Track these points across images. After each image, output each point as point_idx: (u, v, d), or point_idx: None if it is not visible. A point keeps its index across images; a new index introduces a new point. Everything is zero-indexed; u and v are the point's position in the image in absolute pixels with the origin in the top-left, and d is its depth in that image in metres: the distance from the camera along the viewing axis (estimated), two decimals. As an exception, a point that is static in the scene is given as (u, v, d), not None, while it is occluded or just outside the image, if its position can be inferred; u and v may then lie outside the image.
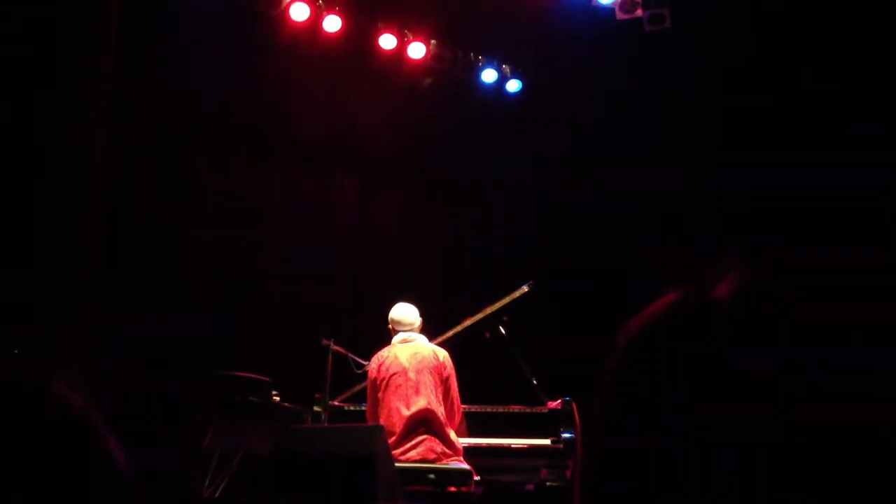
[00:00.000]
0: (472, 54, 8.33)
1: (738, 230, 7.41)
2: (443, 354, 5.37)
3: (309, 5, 7.59)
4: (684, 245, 7.54)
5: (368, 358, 5.61)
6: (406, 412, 5.08)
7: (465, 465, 5.12)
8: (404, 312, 5.53)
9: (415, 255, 8.42)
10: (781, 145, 7.23)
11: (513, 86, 8.51)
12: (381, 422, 5.14)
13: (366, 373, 5.55)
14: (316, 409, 5.64)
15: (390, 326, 5.54)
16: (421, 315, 5.61)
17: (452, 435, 5.19)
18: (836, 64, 6.90)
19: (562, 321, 7.91)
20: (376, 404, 5.28)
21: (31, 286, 5.52)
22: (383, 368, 5.27)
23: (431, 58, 8.14)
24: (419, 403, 5.09)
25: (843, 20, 6.81)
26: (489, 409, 5.88)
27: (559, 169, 8.44)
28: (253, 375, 5.49)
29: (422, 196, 8.65)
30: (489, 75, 8.38)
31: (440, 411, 5.14)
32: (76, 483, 0.76)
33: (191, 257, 7.21)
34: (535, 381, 5.95)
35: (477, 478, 5.19)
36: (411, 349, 5.33)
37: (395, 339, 5.46)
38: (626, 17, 7.45)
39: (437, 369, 5.25)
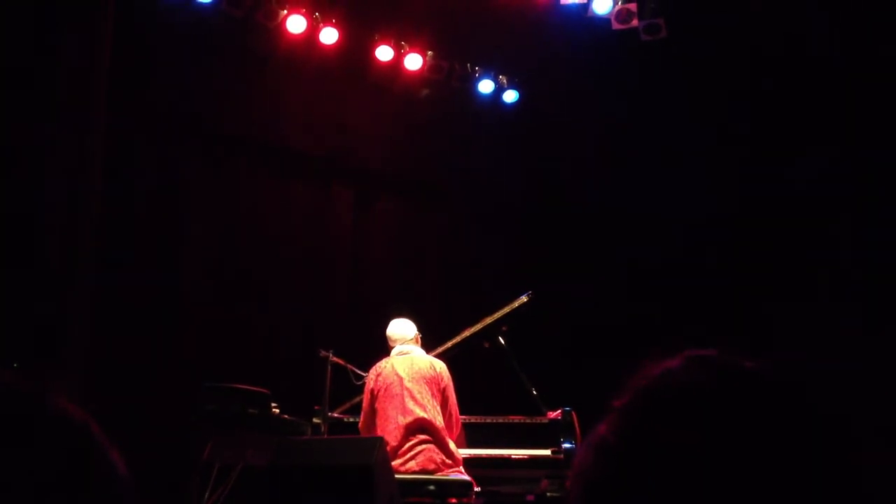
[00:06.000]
0: (468, 65, 8.35)
1: (734, 244, 7.43)
2: (440, 366, 5.37)
3: (305, 18, 7.61)
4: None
5: (366, 369, 5.61)
6: (402, 421, 5.07)
7: (466, 476, 5.11)
8: (397, 328, 5.55)
9: (412, 266, 8.42)
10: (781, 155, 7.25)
11: (509, 96, 8.53)
12: (378, 431, 5.13)
13: (364, 384, 5.55)
14: (315, 420, 5.63)
15: (389, 343, 5.55)
16: (419, 327, 5.62)
17: (452, 445, 5.18)
18: (838, 71, 6.91)
19: (561, 331, 7.91)
20: (372, 414, 5.28)
21: (30, 298, 5.52)
22: (380, 379, 5.27)
23: (428, 69, 8.15)
24: (416, 413, 5.08)
25: (841, 23, 6.83)
26: (489, 420, 5.87)
27: (557, 179, 8.45)
28: (252, 387, 5.48)
29: (419, 207, 8.65)
30: (486, 86, 8.40)
31: (438, 421, 5.14)
32: (78, 495, 0.76)
33: (187, 269, 7.21)
34: (534, 392, 5.94)
35: (477, 489, 5.18)
36: (408, 360, 5.33)
37: (393, 351, 5.47)
38: (621, 27, 7.47)
39: (434, 380, 5.25)
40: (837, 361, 5.98)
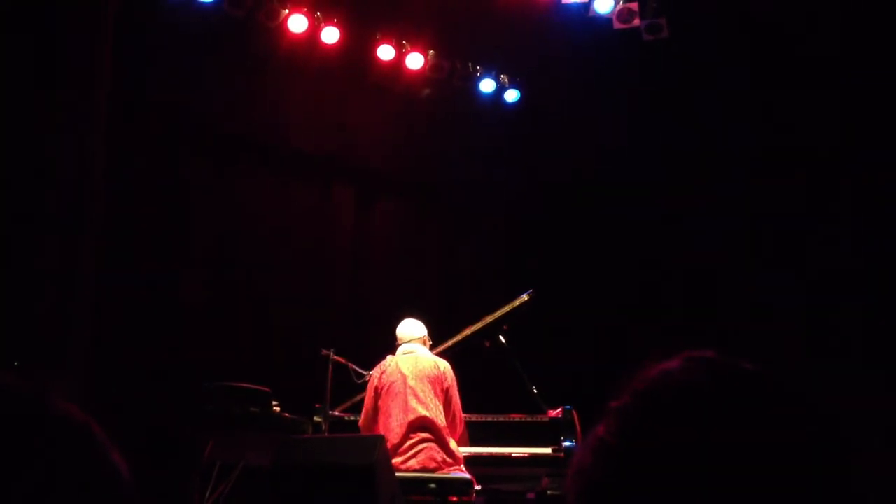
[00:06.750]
0: (470, 64, 8.35)
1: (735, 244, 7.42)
2: (444, 365, 5.38)
3: (307, 17, 7.61)
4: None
5: (367, 368, 5.62)
6: (405, 419, 5.08)
7: (467, 475, 5.11)
8: (405, 327, 5.58)
9: (413, 265, 8.42)
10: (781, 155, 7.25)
11: (511, 96, 8.53)
12: (380, 429, 5.14)
13: (366, 383, 5.56)
14: (316, 419, 5.64)
15: (396, 341, 5.57)
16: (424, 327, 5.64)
17: (453, 444, 5.19)
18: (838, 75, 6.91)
19: (562, 330, 7.91)
20: (374, 412, 5.29)
21: (31, 298, 5.52)
22: (384, 377, 5.29)
23: (429, 68, 8.15)
24: (418, 411, 5.09)
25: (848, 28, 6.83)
26: (489, 418, 5.87)
27: (558, 178, 8.44)
28: (253, 386, 5.48)
29: (420, 206, 8.65)
30: (487, 85, 8.40)
31: (440, 419, 5.14)
32: (79, 496, 0.76)
33: (187, 268, 7.21)
34: (535, 390, 5.94)
35: (478, 487, 5.18)
36: (412, 359, 5.35)
37: (399, 350, 5.49)
38: (623, 26, 7.47)
39: (438, 379, 5.26)
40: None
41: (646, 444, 0.80)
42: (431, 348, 5.74)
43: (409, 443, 5.06)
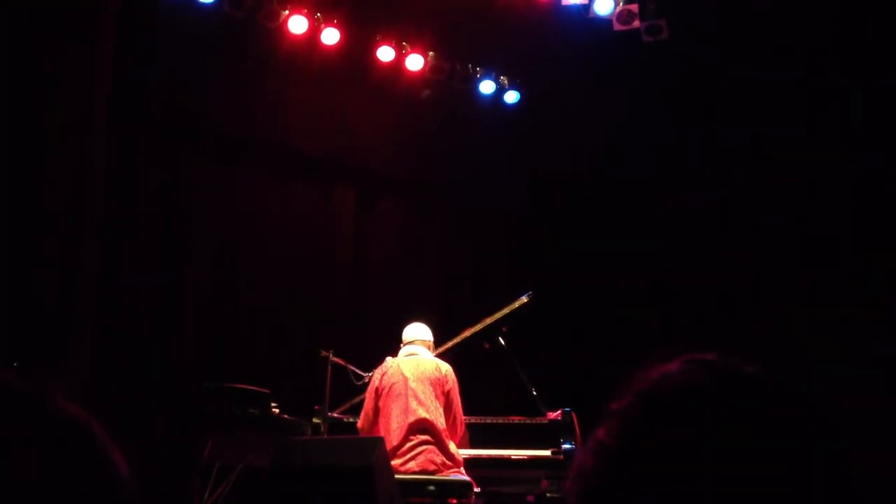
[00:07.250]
0: (469, 66, 8.36)
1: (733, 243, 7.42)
2: (445, 368, 5.37)
3: (307, 18, 7.61)
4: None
5: (366, 369, 5.62)
6: (405, 421, 5.08)
7: (466, 477, 5.11)
8: (410, 330, 5.58)
9: (413, 266, 8.42)
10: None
11: (511, 97, 8.53)
12: (380, 430, 5.14)
13: (365, 384, 5.56)
14: (315, 420, 5.63)
15: (401, 343, 5.57)
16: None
17: (452, 447, 5.18)
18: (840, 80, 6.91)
19: (561, 331, 7.91)
20: (374, 413, 5.28)
21: (31, 298, 5.53)
22: (385, 378, 5.29)
23: (429, 70, 8.16)
24: (418, 413, 5.09)
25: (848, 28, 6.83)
26: (489, 420, 5.87)
27: (557, 179, 8.45)
28: (252, 387, 5.48)
29: (420, 207, 8.65)
30: (487, 87, 8.41)
31: (440, 422, 5.14)
32: (80, 496, 0.76)
33: (187, 269, 7.21)
34: (535, 392, 5.94)
35: (477, 489, 5.18)
36: (414, 361, 5.35)
37: (401, 352, 5.48)
38: (623, 28, 7.47)
39: (439, 382, 5.26)
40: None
41: (647, 446, 0.80)
42: (431, 350, 5.74)
43: (408, 445, 5.05)
